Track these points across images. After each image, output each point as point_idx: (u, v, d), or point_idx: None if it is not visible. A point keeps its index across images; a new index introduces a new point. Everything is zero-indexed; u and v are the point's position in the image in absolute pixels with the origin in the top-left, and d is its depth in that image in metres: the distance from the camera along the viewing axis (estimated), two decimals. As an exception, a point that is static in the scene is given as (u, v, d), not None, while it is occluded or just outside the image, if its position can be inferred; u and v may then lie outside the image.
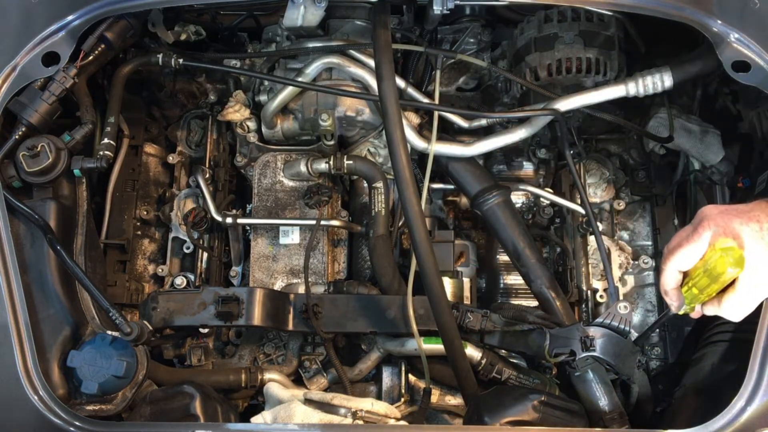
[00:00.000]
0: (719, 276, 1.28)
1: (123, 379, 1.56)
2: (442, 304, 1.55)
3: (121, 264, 2.06)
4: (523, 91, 2.02)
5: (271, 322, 1.72)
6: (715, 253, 1.29)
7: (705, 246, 1.30)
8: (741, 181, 1.90)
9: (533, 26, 1.94)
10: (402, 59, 2.05)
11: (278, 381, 1.79)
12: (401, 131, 1.59)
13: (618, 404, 1.65)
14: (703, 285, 1.33)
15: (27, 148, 1.66)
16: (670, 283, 1.36)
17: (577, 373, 1.66)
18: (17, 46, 1.64)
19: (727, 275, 1.28)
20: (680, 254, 1.32)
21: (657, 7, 1.60)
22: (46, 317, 1.60)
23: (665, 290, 1.38)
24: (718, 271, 1.28)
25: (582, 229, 2.06)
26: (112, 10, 1.68)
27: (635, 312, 2.02)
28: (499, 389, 1.64)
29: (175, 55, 1.93)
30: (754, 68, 1.54)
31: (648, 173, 2.14)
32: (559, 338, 1.62)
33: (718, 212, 1.31)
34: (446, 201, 2.16)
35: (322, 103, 1.95)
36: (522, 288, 2.03)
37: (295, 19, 1.86)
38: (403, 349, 1.80)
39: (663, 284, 1.38)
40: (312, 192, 1.94)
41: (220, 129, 2.18)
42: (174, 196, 2.13)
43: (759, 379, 1.41)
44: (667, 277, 1.36)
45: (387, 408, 1.59)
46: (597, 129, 2.18)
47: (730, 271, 1.27)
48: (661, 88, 1.78)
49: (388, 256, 1.87)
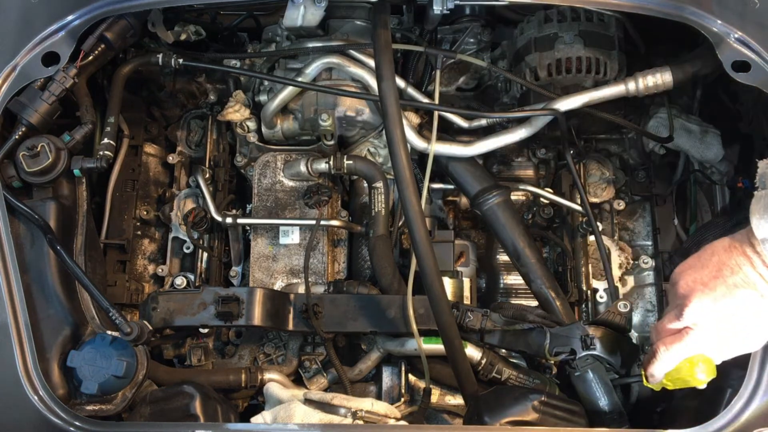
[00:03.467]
0: (690, 383, 1.39)
1: (123, 379, 1.56)
2: (442, 303, 1.55)
3: (121, 264, 2.06)
4: (523, 91, 2.02)
5: (271, 322, 1.72)
6: (687, 365, 1.37)
7: (694, 350, 1.35)
8: (741, 181, 1.90)
9: (533, 26, 1.94)
10: (402, 59, 2.05)
11: (278, 381, 1.79)
12: (401, 131, 1.58)
13: (618, 404, 1.65)
14: (675, 380, 1.41)
15: (27, 148, 1.66)
16: (663, 372, 1.41)
17: (577, 373, 1.66)
18: (17, 46, 1.64)
19: (699, 384, 1.38)
20: (679, 354, 1.36)
21: (657, 7, 1.60)
22: (46, 317, 1.60)
23: (654, 375, 1.42)
24: (688, 381, 1.38)
25: (582, 229, 2.06)
26: (112, 10, 1.68)
27: (635, 312, 2.02)
28: (499, 389, 1.64)
29: (175, 55, 1.93)
30: (754, 68, 1.54)
31: (648, 173, 2.14)
32: (559, 337, 1.62)
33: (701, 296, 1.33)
34: (446, 201, 2.16)
35: (322, 103, 1.95)
36: (522, 288, 2.03)
37: (295, 19, 1.86)
38: (403, 349, 1.80)
39: (656, 372, 1.41)
40: (312, 192, 1.94)
41: (220, 129, 2.18)
42: (174, 196, 2.12)
43: (759, 379, 1.41)
44: (665, 368, 1.40)
45: (387, 408, 1.59)
46: (597, 129, 2.18)
47: (701, 378, 1.36)
48: (661, 88, 1.78)
49: (388, 256, 1.87)
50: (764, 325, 1.32)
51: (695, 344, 1.34)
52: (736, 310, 1.30)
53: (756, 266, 1.27)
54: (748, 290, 1.28)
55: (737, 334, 1.33)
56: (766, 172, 1.33)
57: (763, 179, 1.34)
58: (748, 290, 1.28)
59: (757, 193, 1.29)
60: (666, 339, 1.37)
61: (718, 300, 1.30)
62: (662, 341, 1.37)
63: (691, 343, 1.34)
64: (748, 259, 1.28)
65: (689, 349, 1.35)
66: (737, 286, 1.29)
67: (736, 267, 1.29)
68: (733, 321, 1.31)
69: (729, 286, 1.29)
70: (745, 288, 1.29)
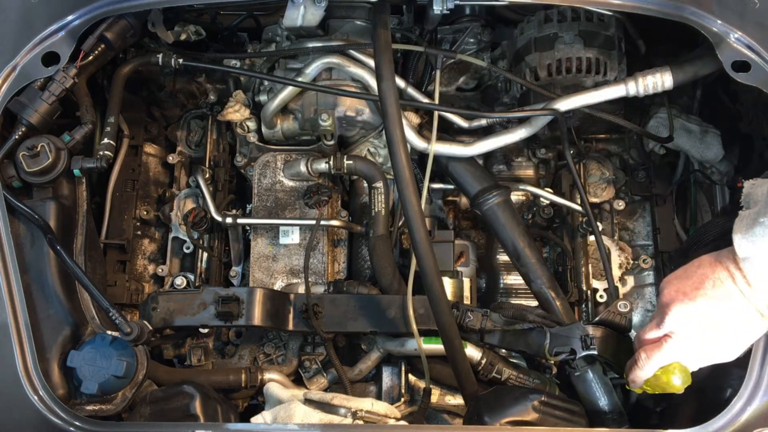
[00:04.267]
0: (666, 389, 1.42)
1: (123, 379, 1.56)
2: (442, 304, 1.55)
3: (121, 264, 2.06)
4: (523, 91, 2.02)
5: (271, 322, 1.72)
6: (664, 373, 1.40)
7: (672, 358, 1.38)
8: (741, 181, 1.90)
9: (533, 26, 1.94)
10: (402, 59, 2.04)
11: (278, 381, 1.79)
12: (401, 131, 1.58)
13: (618, 404, 1.65)
14: (653, 386, 1.44)
15: (27, 148, 1.66)
16: (643, 378, 1.44)
17: (577, 373, 1.66)
18: (17, 46, 1.64)
19: (676, 390, 1.41)
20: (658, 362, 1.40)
21: (657, 7, 1.60)
22: (46, 317, 1.60)
23: (635, 381, 1.45)
24: (665, 388, 1.42)
25: (582, 229, 2.06)
26: (112, 10, 1.68)
27: (635, 312, 2.02)
28: (499, 389, 1.64)
29: (175, 55, 1.93)
30: (754, 68, 1.54)
31: (648, 173, 2.14)
32: (559, 337, 1.62)
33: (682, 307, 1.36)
34: (446, 201, 2.16)
35: (322, 103, 1.95)
36: (522, 288, 2.03)
37: (295, 19, 1.86)
38: (403, 349, 1.80)
39: (636, 378, 1.44)
40: (311, 192, 1.94)
41: (220, 129, 2.18)
42: (174, 196, 2.12)
43: (759, 379, 1.41)
44: (645, 375, 1.42)
45: (387, 408, 1.59)
46: (597, 129, 2.18)
47: (677, 385, 1.40)
48: (661, 88, 1.78)
49: (388, 256, 1.87)
50: (740, 337, 1.36)
51: (673, 352, 1.38)
52: (713, 321, 1.34)
53: (737, 282, 1.32)
54: (726, 303, 1.33)
55: (714, 345, 1.37)
56: (750, 192, 1.39)
57: (747, 199, 1.40)
58: (726, 303, 1.33)
59: (741, 213, 1.35)
60: (647, 348, 1.41)
61: (697, 310, 1.35)
62: (643, 349, 1.41)
63: (669, 351, 1.37)
64: (731, 275, 1.32)
65: (667, 357, 1.38)
66: (716, 299, 1.33)
67: (718, 281, 1.34)
68: (710, 331, 1.35)
69: (709, 297, 1.34)
70: (724, 301, 1.33)
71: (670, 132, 1.98)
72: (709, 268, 1.35)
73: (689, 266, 1.40)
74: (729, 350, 1.38)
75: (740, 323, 1.34)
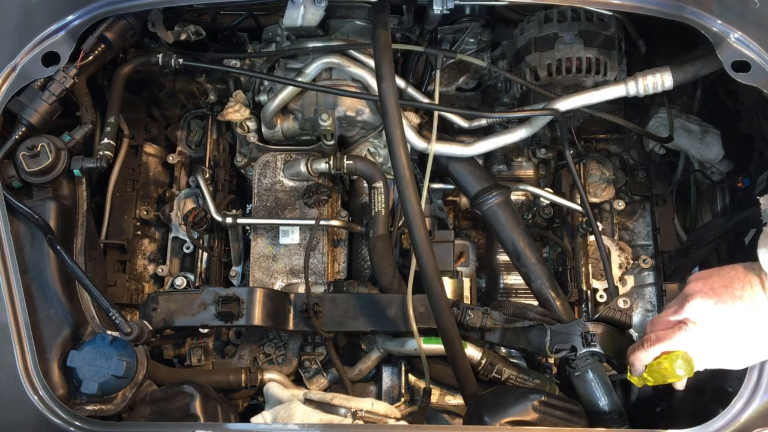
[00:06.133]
0: (668, 378, 1.39)
1: (123, 379, 1.56)
2: (442, 304, 1.55)
3: (121, 264, 2.06)
4: (523, 91, 2.02)
5: (272, 322, 1.72)
6: (667, 359, 1.38)
7: (682, 345, 1.37)
8: (741, 181, 1.90)
9: (533, 26, 1.94)
10: (402, 59, 2.05)
11: (278, 381, 1.79)
12: (401, 131, 1.59)
13: (618, 404, 1.65)
14: (654, 373, 1.42)
15: (27, 148, 1.66)
16: (645, 362, 1.42)
17: (577, 373, 1.66)
18: (17, 46, 1.65)
19: (676, 380, 1.39)
20: (666, 345, 1.38)
21: (657, 7, 1.60)
22: (46, 317, 1.60)
23: (634, 364, 1.44)
24: (666, 376, 1.39)
25: (582, 229, 2.06)
26: (112, 10, 1.68)
27: (635, 312, 2.02)
28: (499, 389, 1.64)
29: (175, 55, 1.92)
30: (754, 68, 1.54)
31: (648, 173, 2.14)
32: (559, 334, 1.62)
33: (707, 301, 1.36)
34: (446, 201, 2.16)
35: (322, 103, 1.95)
36: (522, 288, 2.03)
37: (295, 19, 1.86)
38: (403, 349, 1.80)
39: (638, 360, 1.43)
40: (311, 191, 1.94)
41: (220, 129, 2.18)
42: (174, 196, 2.13)
43: (759, 379, 1.41)
44: (648, 357, 1.41)
45: (387, 408, 1.59)
46: (597, 129, 2.18)
47: (679, 374, 1.37)
48: (661, 88, 1.78)
49: (388, 256, 1.87)
50: (755, 346, 1.35)
51: (684, 340, 1.36)
52: (733, 322, 1.34)
53: (766, 288, 1.32)
54: (750, 308, 1.32)
55: (727, 346, 1.36)
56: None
57: (766, 214, 1.41)
58: (750, 308, 1.32)
59: (765, 229, 1.35)
60: (659, 331, 1.40)
61: (720, 305, 1.34)
62: (654, 332, 1.41)
63: (681, 337, 1.36)
64: (761, 281, 1.33)
65: (677, 343, 1.37)
66: (742, 300, 1.33)
67: (747, 284, 1.34)
68: (727, 331, 1.35)
69: (734, 296, 1.34)
70: (748, 304, 1.32)
71: (670, 132, 1.98)
72: (742, 271, 1.36)
73: (721, 268, 1.40)
74: (740, 356, 1.37)
75: (759, 332, 1.33)
